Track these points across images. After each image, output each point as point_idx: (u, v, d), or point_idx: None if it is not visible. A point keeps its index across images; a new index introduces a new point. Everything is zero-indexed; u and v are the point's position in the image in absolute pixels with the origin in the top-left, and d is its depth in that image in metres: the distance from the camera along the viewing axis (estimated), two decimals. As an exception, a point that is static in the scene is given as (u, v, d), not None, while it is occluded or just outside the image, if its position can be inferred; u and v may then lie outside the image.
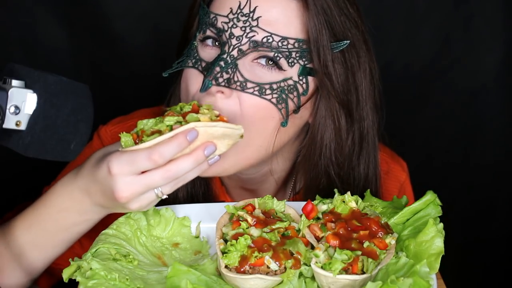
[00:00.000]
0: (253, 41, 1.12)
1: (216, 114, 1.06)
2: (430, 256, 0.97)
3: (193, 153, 1.02)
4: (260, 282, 0.95)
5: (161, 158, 0.99)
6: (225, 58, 1.13)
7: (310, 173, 1.25)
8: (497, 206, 2.36)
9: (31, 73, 0.91)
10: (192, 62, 1.17)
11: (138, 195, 1.03)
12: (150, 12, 2.03)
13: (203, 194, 1.31)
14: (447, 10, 2.16)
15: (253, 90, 1.13)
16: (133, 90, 2.07)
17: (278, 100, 1.14)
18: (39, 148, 0.92)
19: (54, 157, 0.96)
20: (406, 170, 1.45)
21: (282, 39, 1.13)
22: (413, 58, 2.19)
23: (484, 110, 2.26)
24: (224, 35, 1.14)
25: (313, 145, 1.22)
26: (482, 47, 2.19)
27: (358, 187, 1.27)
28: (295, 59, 1.14)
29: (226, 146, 1.06)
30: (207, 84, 1.11)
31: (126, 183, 1.01)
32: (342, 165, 1.24)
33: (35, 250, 1.16)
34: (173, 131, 1.00)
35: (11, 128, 0.89)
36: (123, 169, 1.01)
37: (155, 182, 1.01)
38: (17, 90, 0.89)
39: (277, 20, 1.13)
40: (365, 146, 1.25)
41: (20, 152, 0.91)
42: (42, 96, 0.90)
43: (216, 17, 1.15)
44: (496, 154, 2.30)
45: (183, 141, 0.99)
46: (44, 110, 0.90)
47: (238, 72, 1.13)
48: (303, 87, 1.16)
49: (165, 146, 0.99)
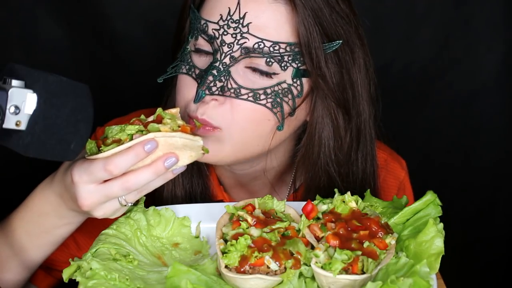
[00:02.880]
0: (245, 48, 1.12)
1: (178, 124, 1.04)
2: (430, 256, 0.97)
3: (153, 164, 1.01)
4: (260, 282, 0.95)
5: (117, 169, 0.99)
6: (218, 66, 1.13)
7: (310, 172, 1.25)
8: (497, 206, 2.36)
9: (31, 73, 0.90)
10: (186, 68, 1.18)
11: (99, 204, 1.03)
12: (150, 12, 2.03)
13: (201, 193, 1.31)
14: (447, 10, 2.15)
15: (248, 96, 1.13)
16: (133, 90, 2.06)
17: (273, 104, 1.14)
18: (39, 148, 0.92)
19: (54, 157, 0.96)
20: (405, 168, 1.45)
21: (273, 44, 1.12)
22: (413, 58, 2.19)
23: (484, 110, 2.26)
24: (216, 43, 1.13)
25: (311, 145, 1.22)
26: (482, 47, 2.19)
27: (356, 181, 1.26)
28: (288, 62, 1.13)
29: (188, 158, 1.04)
30: (200, 94, 1.11)
31: (87, 192, 1.02)
32: (342, 162, 1.23)
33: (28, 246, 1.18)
34: (132, 141, 0.99)
35: (11, 128, 0.89)
36: (82, 178, 1.01)
37: (114, 193, 1.01)
38: (17, 90, 0.89)
39: (267, 25, 1.12)
40: (363, 140, 1.25)
41: (20, 152, 0.91)
42: (42, 96, 0.90)
43: (207, 23, 1.15)
44: (496, 154, 2.30)
45: (141, 152, 0.99)
46: (44, 110, 0.90)
47: (231, 79, 1.13)
48: (297, 89, 1.16)
49: (121, 157, 0.99)
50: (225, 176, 1.36)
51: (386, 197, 1.38)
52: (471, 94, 2.24)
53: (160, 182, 1.04)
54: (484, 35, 2.18)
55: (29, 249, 1.18)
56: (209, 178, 1.33)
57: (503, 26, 2.16)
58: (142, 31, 2.04)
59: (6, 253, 1.20)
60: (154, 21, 2.03)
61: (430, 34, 2.17)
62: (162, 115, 1.06)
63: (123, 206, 1.05)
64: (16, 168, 1.88)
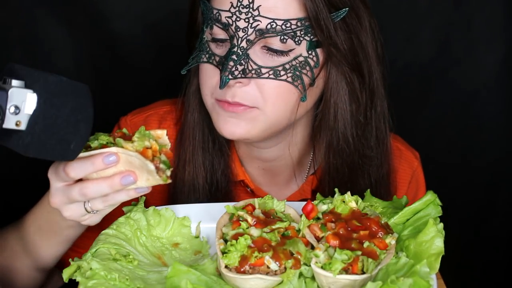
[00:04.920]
0: (259, 30, 1.16)
1: (147, 146, 1.04)
2: (430, 256, 0.97)
3: (110, 177, 1.02)
4: (260, 282, 0.95)
5: (73, 172, 1.01)
6: (236, 51, 1.17)
7: (327, 137, 1.29)
8: (497, 206, 2.36)
9: (31, 73, 0.90)
10: (206, 57, 1.22)
11: (64, 203, 1.05)
12: (150, 12, 2.03)
13: (222, 172, 1.35)
14: (447, 10, 2.16)
15: (268, 75, 1.18)
16: (133, 90, 2.06)
17: (294, 78, 1.19)
18: (39, 148, 0.92)
19: (54, 157, 0.96)
20: (418, 158, 1.50)
21: (284, 22, 1.16)
22: (414, 58, 2.19)
23: (484, 110, 2.26)
24: (231, 29, 1.18)
25: (327, 109, 1.27)
26: (482, 47, 2.19)
27: (371, 140, 1.31)
28: (301, 37, 1.18)
29: (146, 181, 1.03)
30: (224, 80, 1.16)
31: (55, 189, 1.05)
32: (359, 123, 1.28)
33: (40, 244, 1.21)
34: (95, 150, 1.00)
35: (11, 128, 0.89)
36: (52, 176, 1.05)
37: (73, 196, 1.03)
38: (17, 90, 0.89)
39: (276, 5, 1.16)
40: (376, 99, 1.30)
41: (20, 152, 0.91)
42: (42, 96, 0.90)
43: (219, 12, 1.19)
44: (496, 154, 2.30)
45: (98, 162, 1.00)
46: (44, 110, 0.90)
47: (250, 61, 1.18)
48: (314, 60, 1.21)
49: (79, 163, 1.01)
50: (247, 155, 1.39)
51: (400, 185, 1.44)
52: (471, 94, 2.24)
53: (124, 197, 1.05)
54: (484, 35, 2.18)
55: (40, 246, 1.21)
56: (231, 158, 1.37)
57: (503, 26, 2.16)
58: (142, 31, 2.04)
59: (19, 247, 1.23)
60: (154, 21, 2.03)
61: (430, 34, 2.17)
62: (142, 133, 1.06)
63: (89, 212, 1.06)
64: (16, 168, 1.88)
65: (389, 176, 1.37)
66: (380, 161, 1.34)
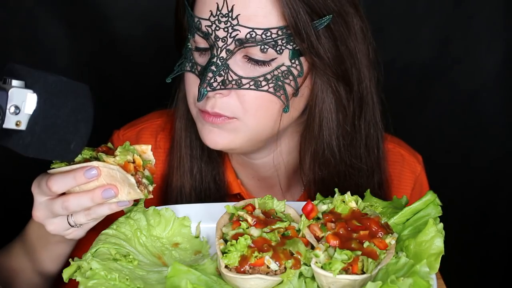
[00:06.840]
0: (238, 39, 1.13)
1: (130, 159, 1.04)
2: (430, 256, 0.97)
3: (92, 191, 1.02)
4: (260, 282, 0.95)
5: (55, 186, 1.01)
6: (216, 62, 1.14)
7: (312, 147, 1.25)
8: (497, 206, 2.36)
9: (31, 73, 0.90)
10: (189, 66, 1.20)
11: (47, 217, 1.05)
12: (150, 12, 2.03)
13: (214, 180, 1.33)
14: (447, 10, 2.16)
15: (249, 85, 1.14)
16: (133, 90, 2.07)
17: (276, 88, 1.15)
18: (39, 148, 0.92)
19: (54, 157, 0.96)
20: (421, 163, 1.46)
21: (264, 31, 1.13)
22: (413, 58, 2.19)
23: (484, 110, 2.26)
24: (210, 39, 1.15)
25: (312, 118, 1.23)
26: (482, 47, 2.19)
27: (360, 148, 1.27)
28: (283, 46, 1.14)
29: (127, 195, 1.04)
30: (202, 92, 1.13)
31: (38, 203, 1.05)
32: (347, 133, 1.24)
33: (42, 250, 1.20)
34: (77, 164, 1.01)
35: (11, 128, 0.89)
36: (35, 190, 1.05)
37: (56, 209, 1.03)
38: (17, 90, 0.89)
39: (255, 14, 1.12)
40: (365, 107, 1.25)
41: (20, 152, 0.91)
42: (42, 96, 0.90)
43: (200, 20, 1.16)
44: (496, 154, 2.30)
45: (79, 176, 1.01)
46: (44, 110, 0.90)
47: (230, 71, 1.14)
48: (297, 70, 1.17)
49: (61, 177, 1.01)
50: (241, 166, 1.37)
51: (402, 191, 1.40)
52: (471, 94, 2.24)
53: (106, 211, 1.05)
54: (484, 35, 2.18)
55: (40, 253, 1.21)
56: (225, 170, 1.35)
57: (503, 26, 2.16)
58: (142, 31, 2.04)
59: (21, 252, 1.23)
60: (154, 21, 2.03)
61: (430, 34, 2.17)
62: (126, 148, 1.07)
63: (72, 226, 1.07)
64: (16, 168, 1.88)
65: (382, 185, 1.32)
66: (371, 170, 1.29)
